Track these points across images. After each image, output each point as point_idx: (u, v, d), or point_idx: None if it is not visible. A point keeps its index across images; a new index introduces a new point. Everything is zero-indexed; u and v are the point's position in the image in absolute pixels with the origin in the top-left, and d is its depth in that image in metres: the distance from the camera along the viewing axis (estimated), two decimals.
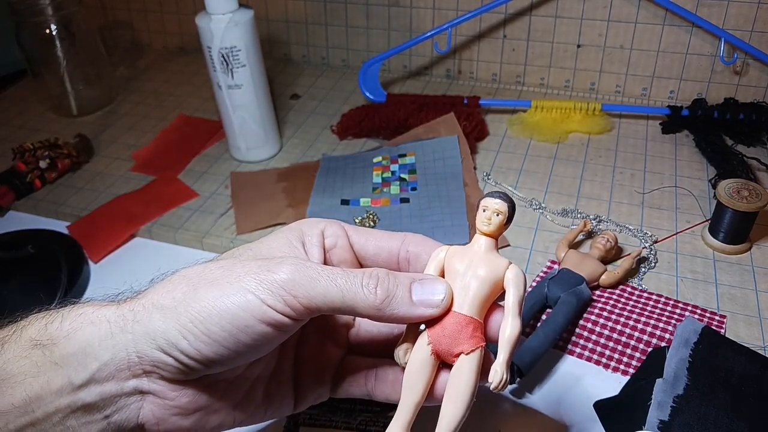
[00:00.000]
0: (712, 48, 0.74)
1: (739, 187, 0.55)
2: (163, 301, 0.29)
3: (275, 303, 0.29)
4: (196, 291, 0.29)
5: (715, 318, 0.49)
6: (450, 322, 0.30)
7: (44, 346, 0.29)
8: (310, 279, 0.29)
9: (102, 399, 0.30)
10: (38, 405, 0.29)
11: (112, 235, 0.61)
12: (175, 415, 0.31)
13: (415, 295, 0.30)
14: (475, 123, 0.72)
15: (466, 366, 0.30)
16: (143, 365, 0.30)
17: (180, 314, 0.29)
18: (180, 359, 0.29)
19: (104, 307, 0.30)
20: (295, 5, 0.89)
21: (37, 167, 0.69)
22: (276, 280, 0.29)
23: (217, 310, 0.28)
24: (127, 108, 0.84)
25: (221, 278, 0.29)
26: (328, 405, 0.43)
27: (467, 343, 0.30)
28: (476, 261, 0.31)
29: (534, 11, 0.79)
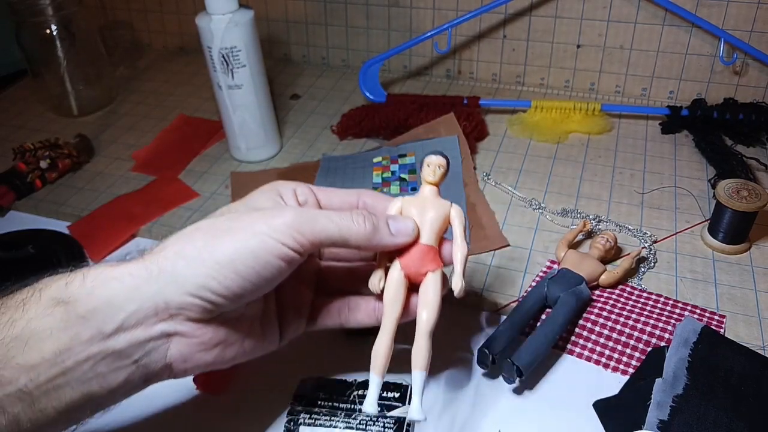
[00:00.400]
0: (712, 48, 0.74)
1: (738, 187, 0.55)
2: (185, 251, 0.34)
3: (287, 241, 0.34)
4: (215, 239, 0.34)
5: (714, 318, 0.50)
6: (416, 250, 0.39)
7: (67, 303, 0.32)
8: (311, 219, 0.35)
9: (131, 345, 0.33)
10: (68, 355, 0.31)
11: (113, 235, 0.61)
12: (199, 351, 0.35)
13: (393, 228, 0.38)
14: (475, 123, 0.73)
15: (432, 280, 0.38)
16: (170, 310, 0.33)
17: (205, 260, 0.33)
18: (209, 298, 0.33)
19: (122, 265, 0.34)
20: (295, 5, 0.89)
21: (38, 167, 0.69)
22: (284, 222, 0.34)
23: (241, 252, 0.33)
24: (127, 108, 0.84)
25: (234, 228, 0.34)
26: (329, 405, 0.43)
27: (431, 265, 0.38)
28: (427, 205, 0.40)
29: (534, 11, 0.79)
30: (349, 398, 0.44)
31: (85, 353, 0.32)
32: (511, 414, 0.44)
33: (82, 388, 0.32)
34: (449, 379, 0.46)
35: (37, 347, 0.31)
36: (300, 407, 0.43)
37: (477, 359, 0.46)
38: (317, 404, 0.44)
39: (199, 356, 0.35)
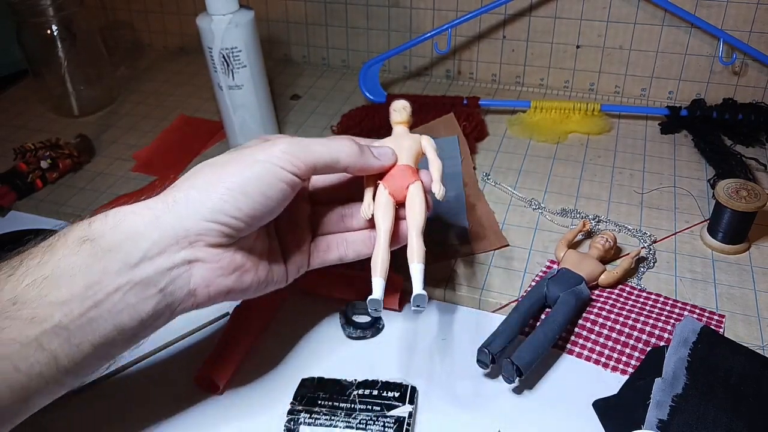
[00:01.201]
0: (711, 48, 0.74)
1: (737, 187, 0.55)
2: (196, 183, 0.37)
3: (285, 165, 0.38)
4: (222, 169, 0.38)
5: (713, 318, 0.50)
6: (396, 170, 0.44)
7: (92, 240, 0.35)
8: (304, 145, 0.39)
9: (156, 273, 0.36)
10: (98, 288, 0.34)
11: None
12: (219, 276, 0.38)
13: (375, 152, 0.43)
14: (474, 123, 0.73)
15: (415, 190, 0.43)
16: (189, 237, 0.36)
17: (216, 186, 0.37)
18: (224, 221, 0.37)
19: (140, 202, 0.37)
20: (295, 6, 0.89)
21: (39, 167, 0.69)
22: (281, 149, 0.38)
23: (247, 177, 0.37)
24: (127, 108, 0.85)
25: (236, 159, 0.38)
26: (329, 405, 0.43)
27: (411, 178, 0.44)
28: (401, 138, 0.47)
29: (533, 12, 0.79)
30: (349, 398, 0.44)
31: (114, 284, 0.34)
32: (511, 413, 0.44)
33: (113, 320, 0.35)
34: (449, 378, 0.47)
35: (68, 284, 0.33)
36: (300, 407, 0.44)
37: (477, 359, 0.46)
38: (317, 404, 0.44)
39: (219, 281, 0.38)
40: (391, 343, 0.50)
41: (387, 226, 0.42)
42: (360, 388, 0.45)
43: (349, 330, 0.50)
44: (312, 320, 0.52)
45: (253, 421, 0.44)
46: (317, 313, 0.52)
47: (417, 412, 0.44)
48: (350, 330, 0.50)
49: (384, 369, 0.47)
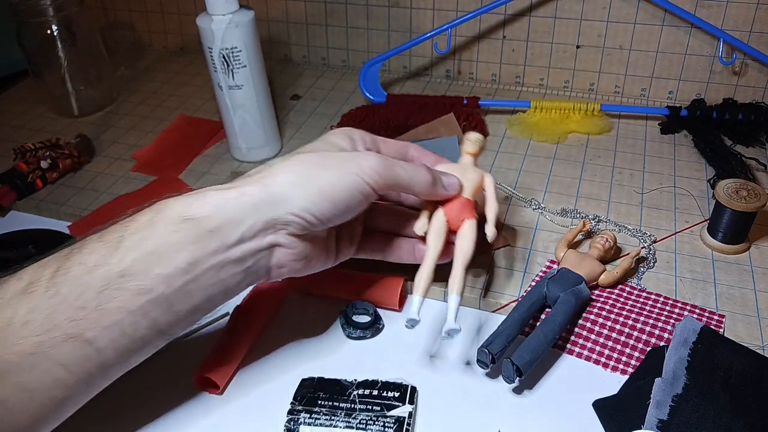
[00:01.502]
0: (711, 48, 0.75)
1: (737, 187, 0.55)
2: (292, 178, 0.41)
3: (370, 181, 0.42)
4: (316, 171, 0.42)
5: (713, 317, 0.50)
6: (457, 201, 0.48)
7: (194, 219, 0.38)
8: (390, 166, 0.43)
9: (247, 253, 0.40)
10: (198, 265, 0.38)
11: None
12: (292, 260, 0.43)
13: (445, 182, 0.47)
14: (474, 123, 0.73)
15: (468, 225, 0.47)
16: (277, 225, 0.41)
17: (309, 188, 0.41)
18: (308, 219, 0.41)
19: (236, 187, 0.40)
20: (295, 6, 0.89)
21: (39, 167, 0.69)
22: (370, 166, 0.42)
23: (336, 185, 0.42)
24: (128, 108, 0.85)
25: (330, 164, 0.42)
26: (329, 405, 0.43)
27: (468, 214, 0.47)
28: (467, 170, 0.50)
29: (533, 12, 0.79)
30: (349, 398, 0.44)
31: (212, 262, 0.39)
32: (511, 413, 0.44)
33: (206, 292, 0.39)
34: (449, 378, 0.47)
35: (172, 259, 0.38)
36: (300, 407, 0.44)
37: (477, 359, 0.46)
38: (317, 404, 0.44)
39: (291, 264, 0.43)
40: (391, 343, 0.50)
41: (437, 250, 0.46)
42: (360, 388, 0.45)
43: (349, 330, 0.50)
44: (312, 320, 0.52)
45: (253, 421, 0.44)
46: (317, 313, 0.52)
47: (417, 412, 0.44)
48: (350, 330, 0.50)
49: (384, 369, 0.47)
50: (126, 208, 0.64)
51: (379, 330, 0.51)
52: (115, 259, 0.37)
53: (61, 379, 0.36)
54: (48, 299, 0.36)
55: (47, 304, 0.35)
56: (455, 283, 0.45)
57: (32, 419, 0.36)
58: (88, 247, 0.38)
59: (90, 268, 0.36)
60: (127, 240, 0.38)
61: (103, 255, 0.37)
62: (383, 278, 0.53)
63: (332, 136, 0.47)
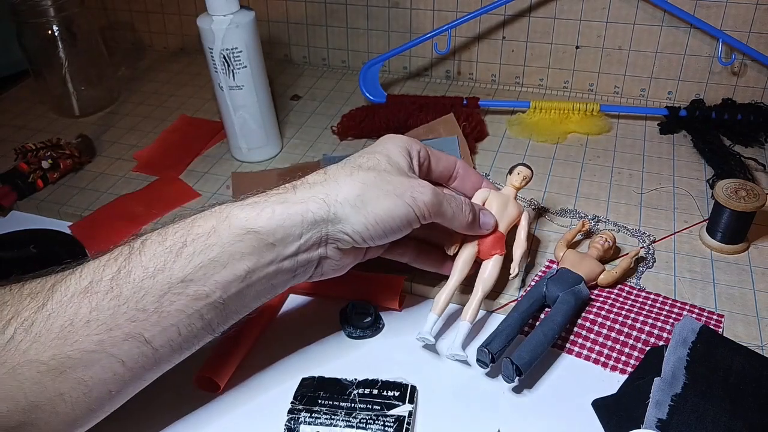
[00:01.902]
0: (710, 49, 0.75)
1: (736, 187, 0.55)
2: (353, 201, 0.42)
3: (420, 214, 0.44)
4: (374, 196, 0.43)
5: (713, 317, 0.50)
6: (492, 236, 0.50)
7: (257, 231, 0.40)
8: (440, 202, 0.45)
9: (297, 264, 0.43)
10: (253, 274, 0.41)
11: (114, 235, 0.61)
12: (333, 269, 0.46)
13: (482, 222, 0.49)
14: (474, 123, 0.73)
15: (494, 260, 0.50)
16: (329, 242, 0.43)
17: (367, 213, 0.43)
18: (357, 240, 0.43)
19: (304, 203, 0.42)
20: (295, 6, 0.89)
21: (40, 167, 0.69)
22: (425, 201, 0.44)
23: (390, 215, 0.43)
24: (128, 108, 0.85)
25: (389, 192, 0.43)
26: (329, 405, 0.44)
27: (499, 249, 0.50)
28: (509, 203, 0.52)
29: (533, 12, 0.79)
30: (349, 397, 0.44)
31: (267, 271, 0.41)
32: (511, 413, 0.44)
33: (257, 295, 0.42)
34: (449, 378, 0.47)
35: (232, 268, 0.40)
36: (300, 406, 0.44)
37: (476, 358, 0.46)
38: (317, 403, 0.44)
39: (331, 272, 0.46)
40: (391, 343, 0.50)
41: (462, 276, 0.49)
42: (360, 388, 0.45)
43: (349, 330, 0.50)
44: (312, 320, 0.52)
45: (253, 421, 0.44)
46: (317, 313, 0.53)
47: (417, 411, 0.44)
48: (350, 330, 0.50)
49: (384, 369, 0.47)
50: (127, 207, 0.65)
51: (379, 330, 0.51)
52: (178, 265, 0.39)
53: (118, 374, 0.38)
54: (110, 300, 0.37)
55: (109, 305, 0.37)
56: (469, 312, 0.48)
57: (87, 410, 0.38)
58: (150, 250, 0.39)
59: (152, 273, 0.38)
60: (190, 246, 0.39)
61: (164, 261, 0.39)
62: (383, 278, 0.53)
63: (392, 148, 0.47)
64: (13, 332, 0.36)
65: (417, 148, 0.49)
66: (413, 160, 0.48)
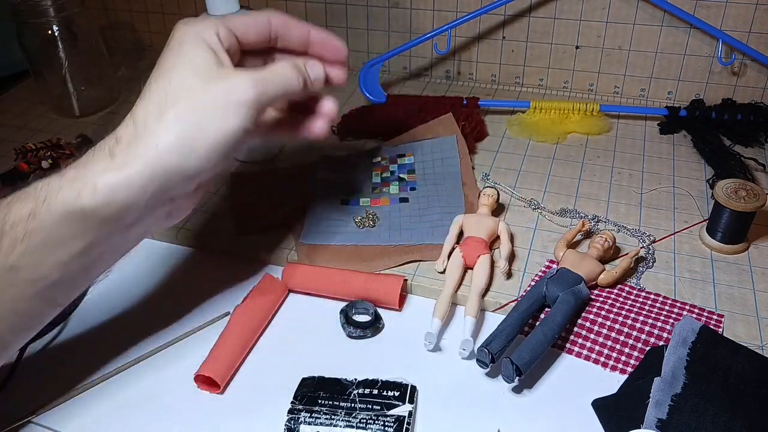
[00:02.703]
0: (710, 49, 0.75)
1: (736, 187, 0.55)
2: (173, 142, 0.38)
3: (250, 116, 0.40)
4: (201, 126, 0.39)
5: (713, 317, 0.50)
6: (472, 241, 0.54)
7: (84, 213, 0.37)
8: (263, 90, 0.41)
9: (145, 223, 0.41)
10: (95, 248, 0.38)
11: None
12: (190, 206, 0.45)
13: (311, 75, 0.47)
14: (474, 123, 0.73)
15: (482, 260, 0.53)
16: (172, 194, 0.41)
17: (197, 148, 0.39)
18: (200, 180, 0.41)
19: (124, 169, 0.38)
20: (295, 6, 0.89)
21: (40, 167, 0.69)
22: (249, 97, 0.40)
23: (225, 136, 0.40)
24: (128, 109, 0.82)
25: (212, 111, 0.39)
26: (329, 405, 0.44)
27: (483, 251, 0.54)
28: (483, 217, 0.57)
29: (533, 12, 0.79)
30: (349, 397, 0.44)
31: (109, 242, 0.39)
32: (511, 413, 0.44)
33: (109, 259, 0.41)
34: (449, 378, 0.47)
35: (66, 248, 0.37)
36: (300, 406, 0.44)
37: (476, 358, 0.46)
38: (317, 403, 0.44)
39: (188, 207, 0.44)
40: (391, 343, 0.50)
41: (454, 282, 0.52)
42: (360, 388, 0.45)
43: (350, 329, 0.50)
44: (312, 320, 0.52)
45: (253, 421, 0.44)
46: (317, 313, 0.53)
47: (417, 411, 0.44)
48: (350, 329, 0.50)
49: (384, 369, 0.47)
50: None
51: (379, 329, 0.51)
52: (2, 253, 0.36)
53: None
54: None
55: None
56: (471, 308, 0.49)
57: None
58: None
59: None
60: (8, 235, 0.36)
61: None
62: (383, 278, 0.53)
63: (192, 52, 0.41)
64: None
65: (214, 31, 0.42)
66: (219, 53, 0.41)
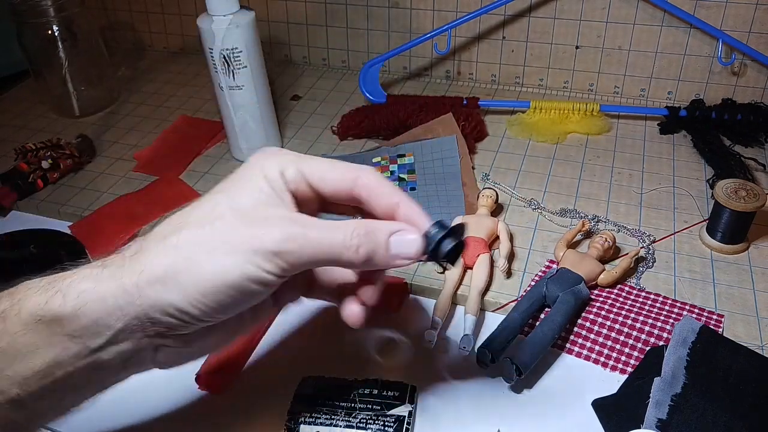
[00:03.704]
0: (710, 49, 0.75)
1: (736, 187, 0.55)
2: (163, 274, 0.32)
3: (269, 268, 0.32)
4: (195, 261, 0.32)
5: (712, 317, 0.50)
6: (472, 240, 0.54)
7: (50, 322, 0.31)
8: (298, 244, 0.32)
9: (119, 355, 0.33)
10: (58, 368, 0.32)
11: (114, 235, 0.61)
12: (184, 353, 0.36)
13: (393, 249, 0.34)
14: (474, 124, 0.73)
15: (482, 259, 0.53)
16: (155, 327, 0.32)
17: (185, 285, 0.31)
18: (186, 320, 0.32)
19: (103, 282, 0.32)
20: (295, 6, 0.89)
21: (40, 167, 0.69)
22: (268, 248, 0.32)
23: (222, 281, 0.31)
24: (128, 109, 0.85)
25: (219, 248, 0.32)
26: (329, 405, 0.44)
27: (483, 250, 0.54)
28: (482, 218, 0.58)
29: (533, 12, 0.79)
30: (349, 397, 0.44)
31: (74, 366, 0.32)
32: (511, 413, 0.44)
33: (76, 391, 0.34)
34: (449, 378, 0.47)
35: (27, 361, 0.32)
36: (300, 406, 0.44)
37: (476, 359, 0.46)
38: (317, 403, 0.44)
39: (185, 356, 0.36)
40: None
41: (454, 282, 0.52)
42: (360, 388, 0.45)
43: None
44: (312, 320, 0.52)
45: (253, 421, 0.44)
46: (317, 313, 0.53)
47: (417, 411, 0.44)
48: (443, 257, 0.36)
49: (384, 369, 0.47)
50: (127, 208, 0.65)
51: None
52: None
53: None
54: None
55: None
56: (471, 307, 0.50)
57: None
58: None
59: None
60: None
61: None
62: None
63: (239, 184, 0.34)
64: None
65: (279, 168, 0.34)
66: (277, 190, 0.34)
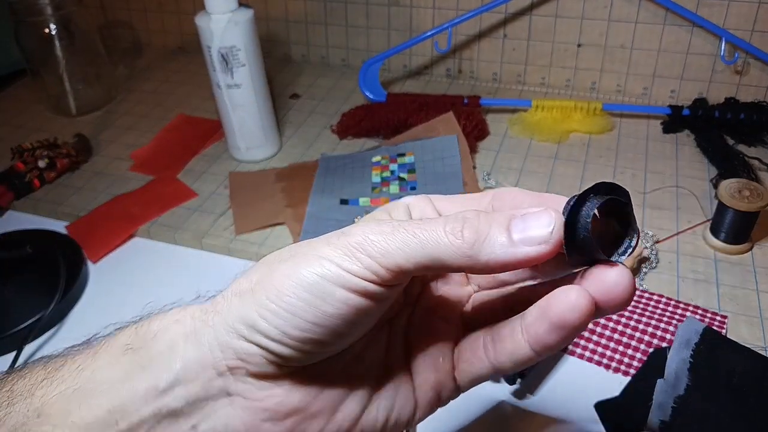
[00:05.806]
0: (713, 47, 0.74)
1: (740, 186, 0.55)
2: (241, 287, 0.26)
3: (351, 266, 0.25)
4: (272, 270, 0.26)
5: (716, 318, 0.49)
6: None
7: (134, 350, 0.27)
8: (384, 234, 0.25)
9: (188, 403, 0.27)
10: (122, 416, 0.26)
11: (111, 235, 0.61)
12: (265, 420, 0.27)
13: (516, 233, 0.24)
14: (475, 122, 0.72)
15: None
16: (227, 360, 0.26)
17: (256, 293, 0.26)
18: (263, 344, 0.25)
19: (190, 306, 0.28)
20: (294, 4, 0.89)
21: (36, 167, 0.69)
22: (349, 242, 0.25)
23: (291, 281, 0.25)
24: (126, 108, 0.84)
25: (298, 253, 0.26)
26: None
27: None
28: None
29: (534, 11, 0.79)
30: None
31: (139, 414, 0.26)
32: (513, 415, 0.44)
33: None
34: None
35: (95, 403, 0.27)
36: None
37: None
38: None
39: (265, 428, 0.27)
40: None
41: None
42: None
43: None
44: None
45: None
46: None
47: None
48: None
49: None
50: (124, 207, 0.65)
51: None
52: (42, 390, 0.27)
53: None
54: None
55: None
56: None
57: None
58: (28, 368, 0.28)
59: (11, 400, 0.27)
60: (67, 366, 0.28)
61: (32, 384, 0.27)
62: None
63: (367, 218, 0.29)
64: None
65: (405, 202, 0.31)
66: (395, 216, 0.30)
